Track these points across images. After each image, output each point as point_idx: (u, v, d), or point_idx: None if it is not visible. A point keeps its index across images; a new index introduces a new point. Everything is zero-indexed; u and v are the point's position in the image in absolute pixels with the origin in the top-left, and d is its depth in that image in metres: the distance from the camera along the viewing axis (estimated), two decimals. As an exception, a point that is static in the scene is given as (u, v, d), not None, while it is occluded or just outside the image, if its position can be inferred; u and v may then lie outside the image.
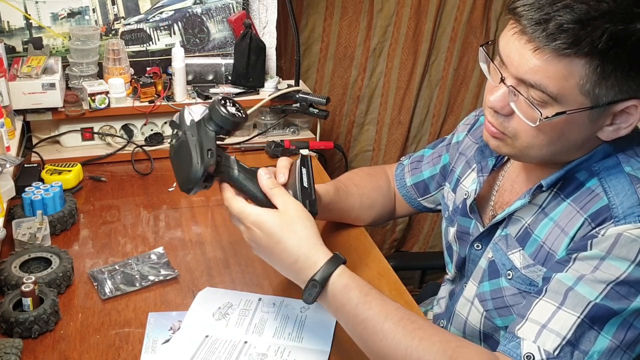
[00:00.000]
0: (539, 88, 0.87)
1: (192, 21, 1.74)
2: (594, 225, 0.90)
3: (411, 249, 2.53)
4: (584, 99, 0.87)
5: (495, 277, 1.05)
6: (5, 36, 1.61)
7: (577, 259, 0.90)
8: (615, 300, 0.85)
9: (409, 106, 2.26)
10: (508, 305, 1.03)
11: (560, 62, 0.85)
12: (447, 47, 2.20)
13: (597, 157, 0.96)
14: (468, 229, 1.15)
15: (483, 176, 1.12)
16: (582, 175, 0.96)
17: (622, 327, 0.86)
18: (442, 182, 1.31)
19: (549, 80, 0.86)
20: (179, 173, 1.03)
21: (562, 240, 0.94)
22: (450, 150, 1.30)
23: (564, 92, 0.86)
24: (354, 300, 0.93)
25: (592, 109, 0.88)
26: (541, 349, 0.86)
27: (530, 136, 0.93)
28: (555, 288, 0.89)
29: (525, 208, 1.02)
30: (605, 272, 0.86)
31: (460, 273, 1.20)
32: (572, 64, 0.84)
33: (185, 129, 1.02)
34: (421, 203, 1.37)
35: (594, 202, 0.92)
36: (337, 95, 2.20)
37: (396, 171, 1.40)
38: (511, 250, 1.02)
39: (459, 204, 1.20)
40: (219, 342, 1.05)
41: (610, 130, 0.91)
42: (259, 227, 0.97)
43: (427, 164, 1.35)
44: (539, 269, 0.97)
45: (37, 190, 1.32)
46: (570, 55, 0.84)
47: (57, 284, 1.14)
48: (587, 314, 0.86)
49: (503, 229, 1.05)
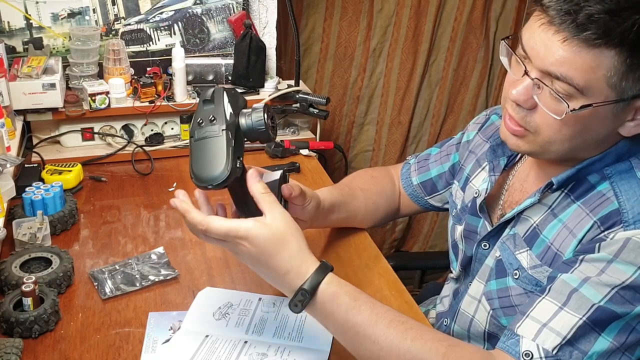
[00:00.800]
0: (565, 80, 0.86)
1: (192, 21, 1.74)
2: (603, 228, 0.90)
3: (411, 249, 2.53)
4: (610, 91, 0.86)
5: (502, 276, 1.05)
6: (6, 36, 1.61)
7: (583, 261, 0.89)
8: (619, 304, 0.85)
9: (409, 106, 2.26)
10: (513, 305, 1.02)
11: (589, 53, 0.84)
12: (447, 47, 2.21)
13: (610, 158, 0.95)
14: (476, 228, 1.15)
15: (495, 175, 1.11)
16: (594, 178, 0.95)
17: (624, 330, 0.86)
18: (450, 180, 1.31)
19: (576, 72, 0.85)
20: (198, 163, 0.93)
21: (570, 242, 0.94)
22: (460, 149, 1.29)
23: (591, 84, 0.86)
24: (343, 306, 0.92)
25: (617, 102, 0.87)
26: (540, 347, 0.86)
27: (554, 130, 0.91)
28: (559, 288, 0.89)
29: (534, 208, 1.01)
30: (611, 276, 0.86)
31: (465, 272, 1.19)
32: (601, 55, 0.84)
33: (224, 123, 0.92)
34: (428, 202, 1.36)
35: (604, 205, 0.91)
36: (337, 96, 2.20)
37: (402, 170, 1.39)
38: (519, 250, 1.02)
39: (467, 202, 1.19)
40: (219, 342, 1.05)
41: (632, 125, 0.91)
42: (250, 243, 0.91)
43: (434, 162, 1.34)
44: (545, 269, 0.97)
45: (37, 190, 1.32)
46: (600, 46, 0.83)
47: (57, 283, 1.14)
48: (589, 316, 0.85)
49: (511, 228, 1.05)
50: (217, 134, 0.92)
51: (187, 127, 1.69)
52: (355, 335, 0.91)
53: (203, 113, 0.94)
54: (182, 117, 1.69)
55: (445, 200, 1.34)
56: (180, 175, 1.60)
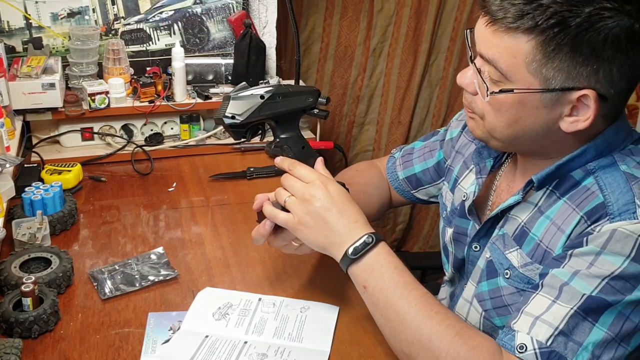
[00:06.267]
0: (492, 64, 0.91)
1: (192, 21, 1.74)
2: (590, 222, 0.91)
3: (411, 249, 2.53)
4: (532, 79, 0.89)
5: (493, 276, 1.05)
6: (5, 36, 1.61)
7: (572, 256, 0.90)
8: (610, 294, 0.86)
9: (409, 106, 2.26)
10: (506, 305, 1.03)
11: (509, 37, 0.88)
12: (447, 47, 2.21)
13: (590, 155, 0.96)
14: (465, 230, 1.15)
15: (482, 178, 1.13)
16: (578, 174, 0.97)
17: (618, 319, 0.86)
18: (435, 177, 1.32)
19: (500, 55, 0.90)
20: None
21: (559, 238, 0.95)
22: (445, 146, 1.31)
23: (513, 69, 0.89)
24: (392, 264, 1.00)
25: (542, 92, 0.90)
26: (534, 339, 0.87)
27: (491, 116, 0.96)
28: (550, 283, 0.90)
29: (521, 207, 1.02)
30: (600, 268, 0.87)
31: (459, 274, 1.20)
32: (517, 40, 0.88)
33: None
34: (414, 195, 1.38)
35: (589, 200, 0.93)
36: (337, 95, 2.20)
37: (387, 164, 1.41)
38: (509, 250, 1.03)
39: (457, 205, 1.20)
40: (219, 342, 1.05)
41: (570, 121, 0.92)
42: (333, 186, 1.06)
43: (418, 158, 1.36)
44: (536, 267, 0.98)
45: (37, 190, 1.32)
46: (516, 31, 0.87)
47: (57, 284, 1.14)
48: (580, 306, 0.86)
49: (500, 228, 1.06)
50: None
51: (186, 127, 1.69)
52: (392, 295, 0.98)
53: None
54: (182, 117, 1.68)
55: (431, 194, 1.36)
56: (180, 175, 1.60)
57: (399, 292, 0.98)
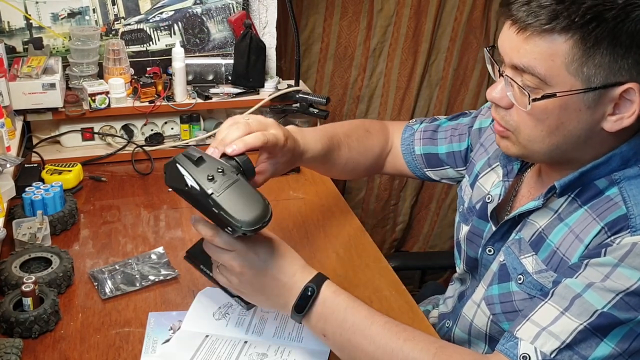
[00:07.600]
0: (529, 71, 0.88)
1: (192, 21, 1.74)
2: (610, 233, 0.89)
3: (411, 249, 2.53)
4: (574, 80, 0.87)
5: (505, 280, 1.04)
6: (6, 36, 1.61)
7: (588, 265, 0.88)
8: (622, 311, 0.84)
9: (409, 106, 2.26)
10: (517, 310, 1.01)
11: (543, 40, 0.86)
12: (447, 47, 2.21)
13: (615, 162, 0.94)
14: (482, 232, 1.14)
15: (508, 181, 1.10)
16: (602, 183, 0.94)
17: (627, 336, 0.85)
18: (460, 163, 1.29)
19: (535, 61, 0.87)
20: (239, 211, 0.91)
21: (577, 247, 0.92)
22: (472, 134, 1.27)
23: (552, 73, 0.87)
24: (342, 305, 0.94)
25: (585, 91, 0.87)
26: (538, 350, 0.85)
27: (530, 127, 0.93)
28: (562, 293, 0.88)
29: (540, 212, 1.00)
30: (615, 282, 0.84)
31: (472, 275, 1.19)
32: (554, 42, 0.86)
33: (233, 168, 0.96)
34: (426, 173, 1.34)
35: (611, 210, 0.90)
36: (337, 95, 2.20)
37: (404, 134, 1.36)
38: (524, 255, 1.01)
39: (475, 203, 1.18)
40: (219, 342, 1.05)
41: (613, 120, 0.90)
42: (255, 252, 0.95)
43: (444, 139, 1.31)
44: (551, 274, 0.96)
45: (37, 190, 1.32)
46: (550, 32, 0.85)
47: (57, 283, 1.14)
48: (591, 322, 0.84)
49: (517, 232, 1.04)
50: (236, 179, 0.93)
51: (186, 127, 1.69)
52: (353, 336, 0.92)
53: (204, 170, 0.93)
54: (182, 117, 1.69)
55: (447, 176, 1.32)
56: (180, 175, 1.60)
57: (360, 331, 0.92)
